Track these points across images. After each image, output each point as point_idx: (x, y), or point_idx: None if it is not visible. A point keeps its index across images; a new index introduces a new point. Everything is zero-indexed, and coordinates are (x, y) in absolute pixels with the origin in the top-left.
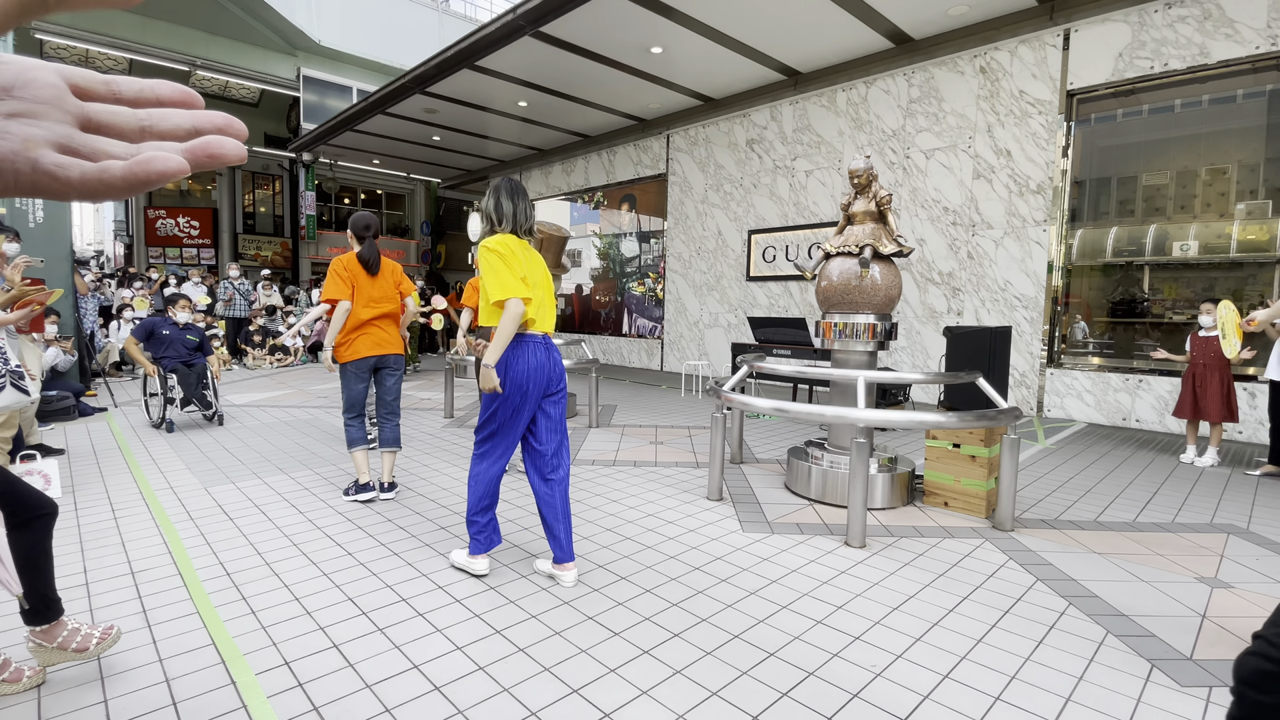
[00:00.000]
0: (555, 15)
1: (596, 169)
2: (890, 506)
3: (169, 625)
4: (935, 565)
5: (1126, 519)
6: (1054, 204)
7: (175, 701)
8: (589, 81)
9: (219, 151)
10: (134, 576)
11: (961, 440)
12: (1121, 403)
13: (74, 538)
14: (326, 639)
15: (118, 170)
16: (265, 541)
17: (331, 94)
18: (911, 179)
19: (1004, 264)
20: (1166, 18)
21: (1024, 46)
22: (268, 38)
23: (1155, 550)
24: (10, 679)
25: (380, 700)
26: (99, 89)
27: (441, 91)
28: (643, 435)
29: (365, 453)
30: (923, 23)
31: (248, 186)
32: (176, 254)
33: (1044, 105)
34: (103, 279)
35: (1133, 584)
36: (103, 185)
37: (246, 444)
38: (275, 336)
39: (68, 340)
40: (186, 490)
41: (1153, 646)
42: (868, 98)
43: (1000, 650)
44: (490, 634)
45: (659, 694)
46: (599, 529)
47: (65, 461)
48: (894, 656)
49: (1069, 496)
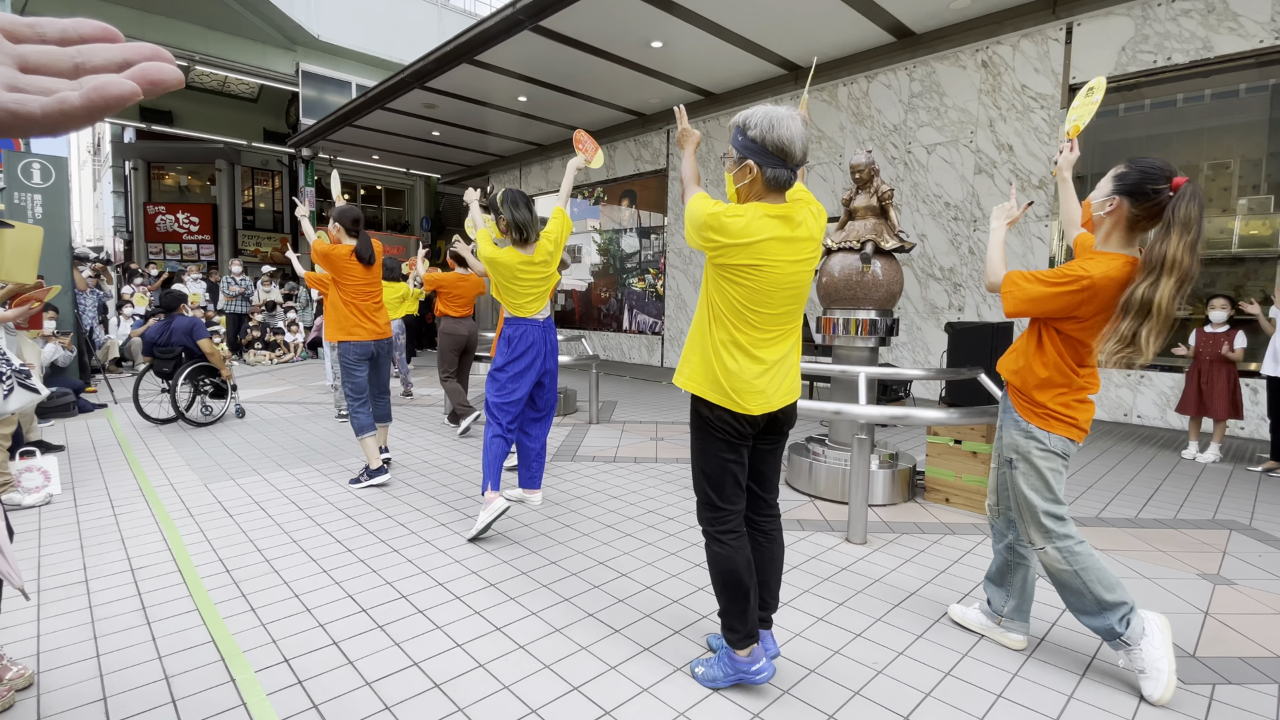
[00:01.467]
0: (555, 9)
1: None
2: (891, 503)
3: (168, 623)
4: (937, 562)
5: (1128, 515)
6: (1056, 199)
7: (175, 699)
8: (589, 76)
9: (159, 77)
10: (133, 573)
11: (963, 436)
12: (1123, 398)
13: (73, 534)
14: (326, 636)
15: (75, 99)
16: (265, 538)
17: (330, 89)
18: (913, 174)
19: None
20: (1170, 11)
21: (1026, 40)
22: (266, 33)
23: (1157, 546)
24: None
25: (380, 698)
26: (25, 32)
27: (441, 86)
28: (643, 431)
29: (375, 438)
30: (925, 16)
31: (247, 182)
32: (176, 250)
33: (1046, 99)
34: (104, 268)
35: (1135, 580)
36: (63, 115)
37: (246, 440)
38: (276, 333)
39: (66, 336)
40: (186, 487)
41: None
42: (869, 92)
43: (1002, 648)
44: (490, 630)
45: (660, 691)
46: (599, 525)
47: (65, 458)
48: (896, 653)
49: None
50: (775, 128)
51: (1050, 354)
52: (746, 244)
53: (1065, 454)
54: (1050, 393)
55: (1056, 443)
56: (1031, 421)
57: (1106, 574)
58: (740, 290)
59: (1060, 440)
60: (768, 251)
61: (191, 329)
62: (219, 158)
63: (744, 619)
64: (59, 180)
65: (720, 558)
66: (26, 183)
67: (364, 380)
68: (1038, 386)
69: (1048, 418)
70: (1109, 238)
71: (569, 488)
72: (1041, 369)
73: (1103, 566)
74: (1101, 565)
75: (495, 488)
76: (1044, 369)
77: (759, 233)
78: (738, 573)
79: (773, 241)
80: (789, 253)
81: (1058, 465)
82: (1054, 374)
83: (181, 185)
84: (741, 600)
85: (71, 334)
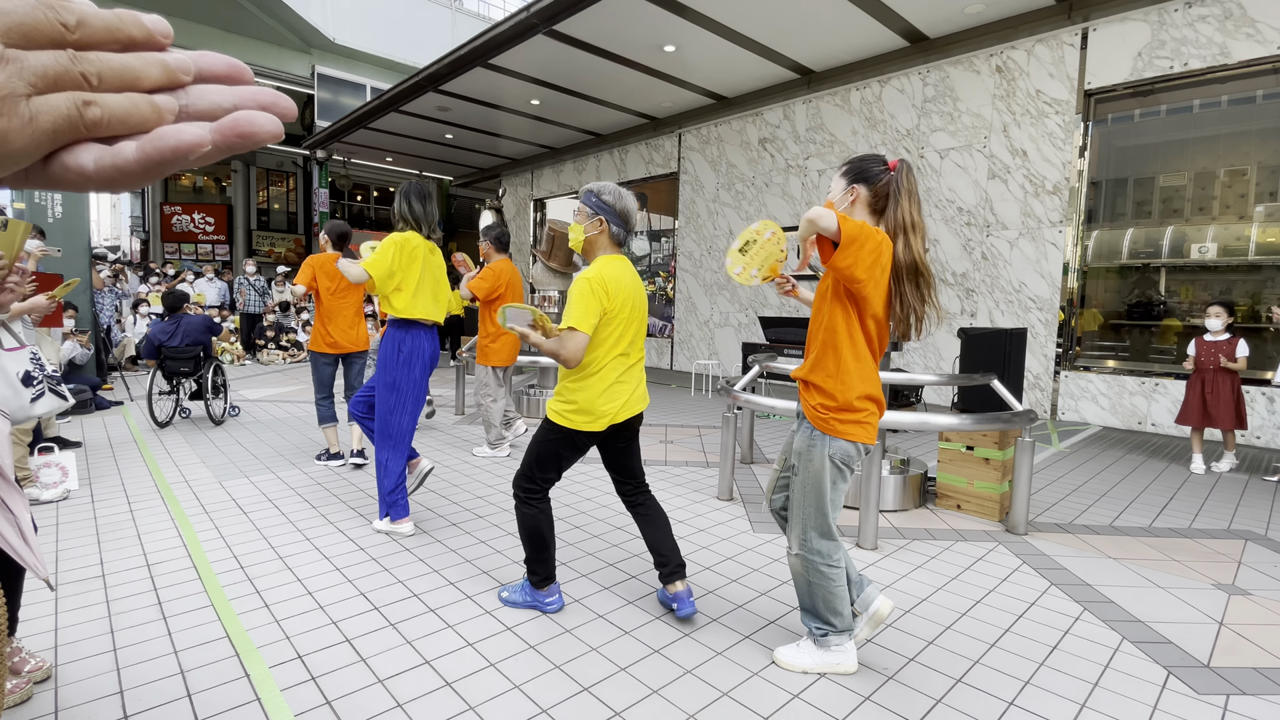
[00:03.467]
0: (569, 13)
1: (608, 167)
2: (902, 509)
3: (184, 617)
4: (947, 568)
5: (1142, 524)
6: (1070, 205)
7: (190, 693)
8: (601, 80)
9: (248, 130)
10: (149, 569)
11: (975, 443)
12: (1137, 406)
13: (90, 529)
14: (339, 633)
15: (131, 154)
16: (278, 535)
17: (345, 92)
18: (925, 179)
19: (1019, 265)
20: (1187, 17)
21: (1041, 45)
22: (283, 35)
23: (1171, 556)
24: (14, 668)
25: (392, 695)
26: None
27: (454, 89)
28: (652, 434)
29: (334, 429)
30: (939, 21)
31: (262, 183)
32: (191, 250)
33: (1061, 105)
34: (122, 268)
35: (1149, 590)
36: (117, 172)
37: (259, 438)
38: (289, 332)
39: (84, 334)
40: (201, 484)
41: (1169, 653)
42: (882, 96)
43: (1014, 655)
44: (501, 630)
45: (669, 693)
46: (609, 527)
47: (82, 454)
48: (906, 660)
49: (1083, 500)
50: (622, 199)
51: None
52: (623, 295)
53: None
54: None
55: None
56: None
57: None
58: (617, 329)
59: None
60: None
61: (208, 326)
62: (234, 159)
63: (545, 564)
64: None
65: (529, 517)
66: None
67: (330, 378)
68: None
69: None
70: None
71: (578, 490)
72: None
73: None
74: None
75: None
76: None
77: (624, 281)
78: (541, 529)
79: (634, 290)
80: (638, 291)
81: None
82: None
83: (197, 186)
84: (543, 550)
85: (89, 332)
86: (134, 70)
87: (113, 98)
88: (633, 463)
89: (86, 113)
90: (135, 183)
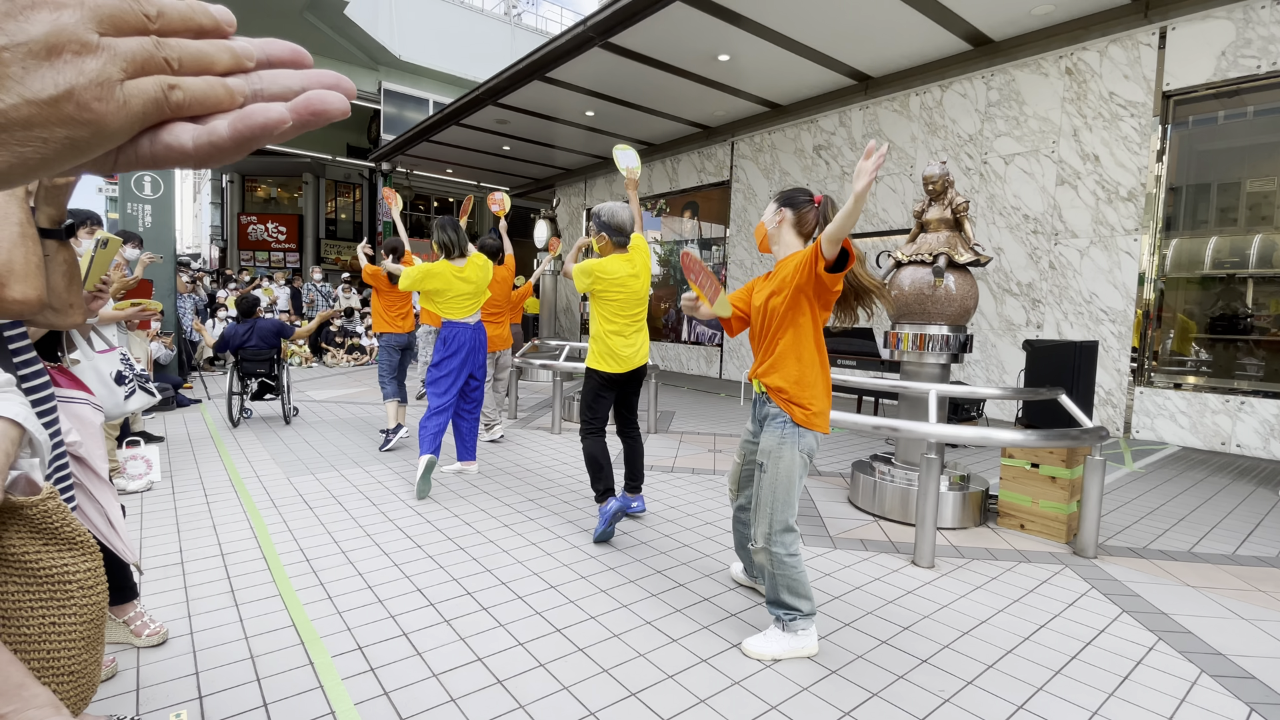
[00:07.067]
0: (624, 26)
1: (660, 176)
2: (961, 526)
3: (254, 605)
4: (1010, 590)
5: (1224, 551)
6: (1146, 212)
7: (259, 678)
8: (655, 90)
9: (321, 107)
10: (224, 558)
11: (1040, 460)
12: (1220, 426)
13: (170, 519)
14: (396, 627)
15: (224, 130)
16: (341, 530)
17: (409, 106)
18: (989, 185)
19: (1089, 275)
20: (1275, 14)
21: (1115, 46)
22: (353, 54)
23: (1256, 586)
24: (135, 630)
25: (446, 689)
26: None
27: (513, 102)
28: (701, 443)
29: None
30: (1004, 23)
31: (330, 194)
32: (265, 257)
33: (1137, 107)
34: (201, 276)
35: (1230, 620)
36: (213, 148)
37: (325, 437)
38: (354, 337)
39: (168, 336)
40: (271, 479)
41: (1252, 689)
42: (942, 101)
43: (1081, 684)
44: (550, 632)
45: (716, 703)
46: (656, 534)
47: (164, 448)
48: (964, 683)
49: (1159, 524)
50: (615, 216)
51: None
52: (609, 277)
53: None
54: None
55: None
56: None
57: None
58: (609, 304)
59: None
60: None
61: (280, 330)
62: (306, 171)
63: (600, 482)
64: (167, 192)
65: (587, 445)
66: (138, 194)
67: (396, 361)
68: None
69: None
70: (785, 243)
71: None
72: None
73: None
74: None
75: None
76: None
77: (616, 270)
78: (597, 456)
79: (625, 276)
80: (631, 278)
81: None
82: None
83: (271, 196)
84: (599, 471)
85: (172, 334)
86: (208, 55)
87: (192, 80)
88: (634, 403)
89: (171, 95)
90: (227, 158)
